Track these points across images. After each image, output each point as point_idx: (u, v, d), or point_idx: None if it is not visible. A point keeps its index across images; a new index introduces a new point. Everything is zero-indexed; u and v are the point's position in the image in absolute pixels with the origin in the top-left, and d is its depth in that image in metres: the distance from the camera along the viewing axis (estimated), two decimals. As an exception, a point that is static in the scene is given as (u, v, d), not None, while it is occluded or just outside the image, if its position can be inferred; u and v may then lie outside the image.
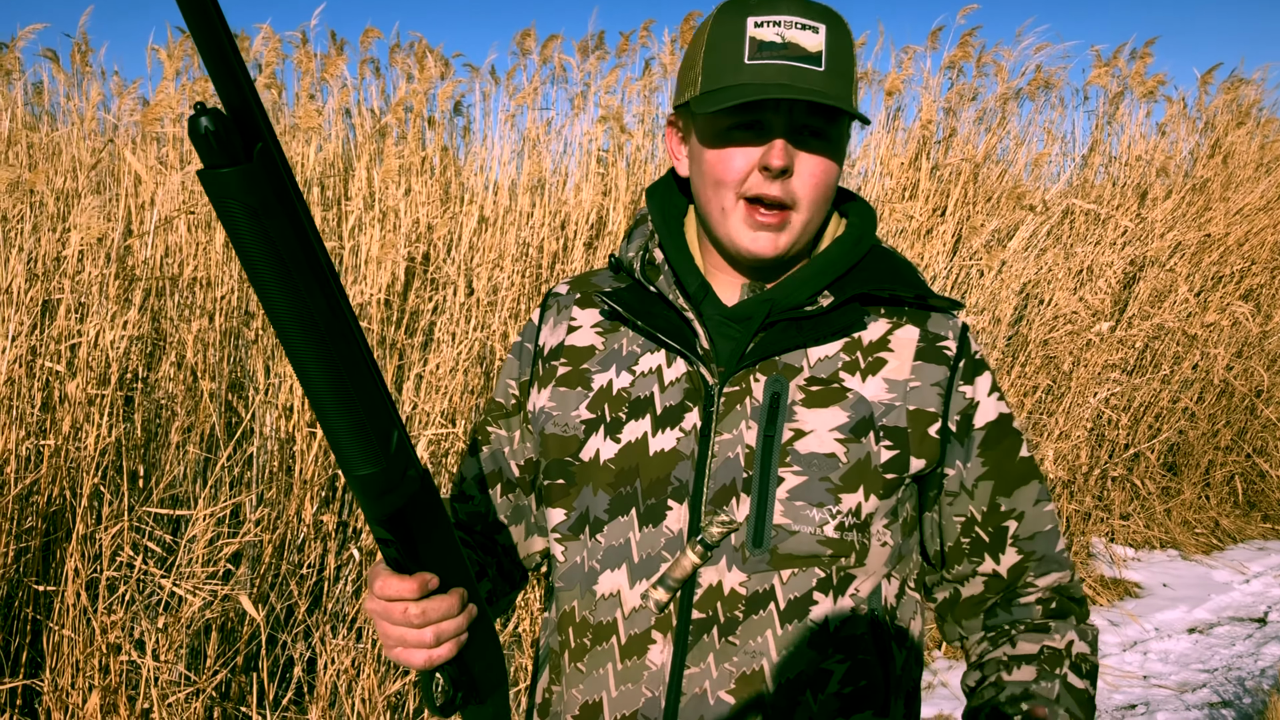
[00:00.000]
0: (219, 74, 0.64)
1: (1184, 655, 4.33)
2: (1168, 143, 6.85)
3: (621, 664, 1.13)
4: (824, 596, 1.10)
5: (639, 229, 1.27)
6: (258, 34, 5.61)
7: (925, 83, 5.98)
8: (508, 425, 1.29)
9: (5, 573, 2.66)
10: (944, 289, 5.07)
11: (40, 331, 3.10)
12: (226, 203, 0.68)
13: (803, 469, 1.10)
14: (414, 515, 0.90)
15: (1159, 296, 5.99)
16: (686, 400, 1.15)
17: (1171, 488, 6.03)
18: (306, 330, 0.74)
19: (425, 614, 0.96)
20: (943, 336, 1.17)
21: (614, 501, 1.15)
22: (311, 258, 0.73)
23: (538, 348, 1.27)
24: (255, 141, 0.67)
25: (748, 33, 1.09)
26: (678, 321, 1.17)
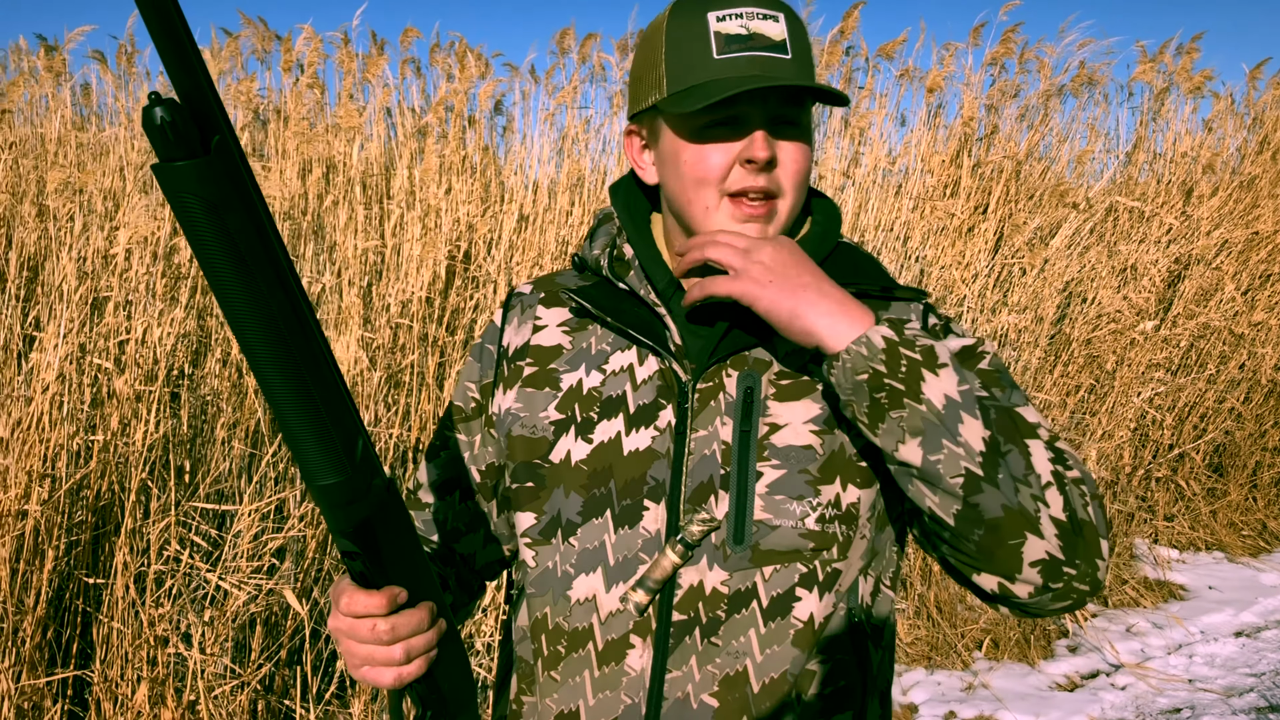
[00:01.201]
0: (173, 63, 0.61)
1: (1230, 659, 4.26)
2: (1214, 139, 6.75)
3: (599, 670, 1.09)
4: (807, 593, 1.08)
5: (603, 228, 1.24)
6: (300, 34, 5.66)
7: (967, 80, 5.94)
8: (467, 430, 1.25)
9: (57, 565, 2.71)
10: (985, 287, 5.03)
11: (89, 328, 3.15)
12: (183, 198, 0.64)
13: (781, 462, 1.08)
14: (381, 526, 0.86)
15: (1205, 295, 5.91)
16: (660, 398, 1.12)
17: (1217, 489, 5.94)
18: (267, 332, 0.70)
19: (395, 630, 0.92)
20: (906, 320, 1.15)
21: (587, 503, 1.11)
22: (272, 256, 0.69)
23: (501, 349, 1.23)
24: (212, 134, 0.64)
25: (711, 28, 1.07)
26: (649, 317, 1.15)
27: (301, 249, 4.25)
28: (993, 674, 4.06)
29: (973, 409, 0.96)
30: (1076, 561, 0.97)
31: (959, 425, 0.95)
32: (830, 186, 5.44)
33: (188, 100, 0.63)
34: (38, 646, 2.63)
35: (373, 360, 3.67)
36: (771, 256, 1.05)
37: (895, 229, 5.24)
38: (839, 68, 5.84)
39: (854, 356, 0.97)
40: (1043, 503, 0.96)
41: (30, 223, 3.79)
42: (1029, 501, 0.95)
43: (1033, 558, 0.96)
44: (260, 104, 5.54)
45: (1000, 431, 0.97)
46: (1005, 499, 0.95)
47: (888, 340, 0.97)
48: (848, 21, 5.71)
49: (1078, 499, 0.98)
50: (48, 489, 2.69)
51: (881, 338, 0.97)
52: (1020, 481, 0.96)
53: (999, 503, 0.95)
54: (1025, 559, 0.97)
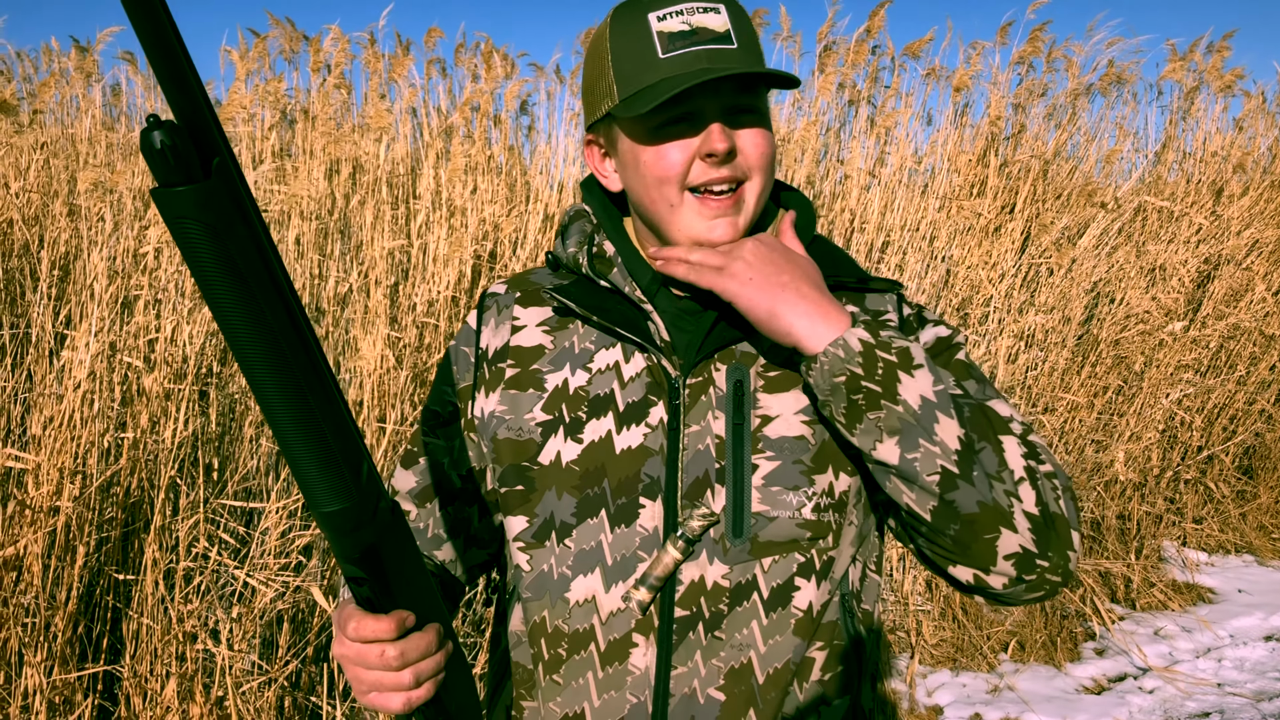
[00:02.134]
0: (171, 84, 0.60)
1: (1260, 663, 4.22)
2: (1245, 138, 6.69)
3: (603, 671, 1.09)
4: (805, 582, 1.09)
5: (575, 225, 1.24)
6: (327, 35, 5.70)
7: (994, 78, 5.90)
8: (445, 434, 1.22)
9: (87, 561, 2.74)
10: (1012, 287, 5.00)
11: (120, 327, 3.18)
12: (183, 223, 0.63)
13: (775, 454, 1.09)
14: (387, 550, 0.84)
15: (1235, 295, 5.85)
16: (650, 394, 1.12)
17: (1247, 491, 5.88)
18: (269, 355, 0.69)
19: (404, 655, 0.91)
20: (882, 311, 1.17)
21: (581, 504, 1.11)
22: (274, 279, 0.68)
23: (480, 351, 1.22)
24: (212, 156, 0.63)
25: (653, 29, 1.07)
26: (634, 314, 1.15)
27: (328, 248, 4.28)
28: (1019, 676, 4.03)
29: (948, 408, 0.99)
30: (1049, 554, 1.00)
31: (935, 425, 0.98)
32: (856, 186, 5.42)
33: (187, 122, 0.62)
34: (69, 642, 2.66)
35: (399, 359, 3.69)
36: (753, 254, 1.07)
37: (921, 229, 5.22)
38: (865, 66, 5.82)
39: (831, 359, 1.00)
40: (1016, 498, 0.99)
41: (61, 222, 3.83)
42: (1003, 497, 0.99)
43: (1006, 551, 1.00)
44: (288, 104, 5.58)
45: (974, 429, 1.00)
46: (980, 495, 0.98)
47: (864, 343, 1.00)
48: (874, 20, 5.69)
49: (1050, 493, 1.01)
50: (79, 486, 2.72)
51: (858, 340, 1.00)
52: (994, 477, 0.99)
53: (974, 499, 0.98)
54: (999, 552, 1.00)
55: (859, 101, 5.87)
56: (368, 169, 4.77)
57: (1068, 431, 4.81)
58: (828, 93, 5.64)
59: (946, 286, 5.01)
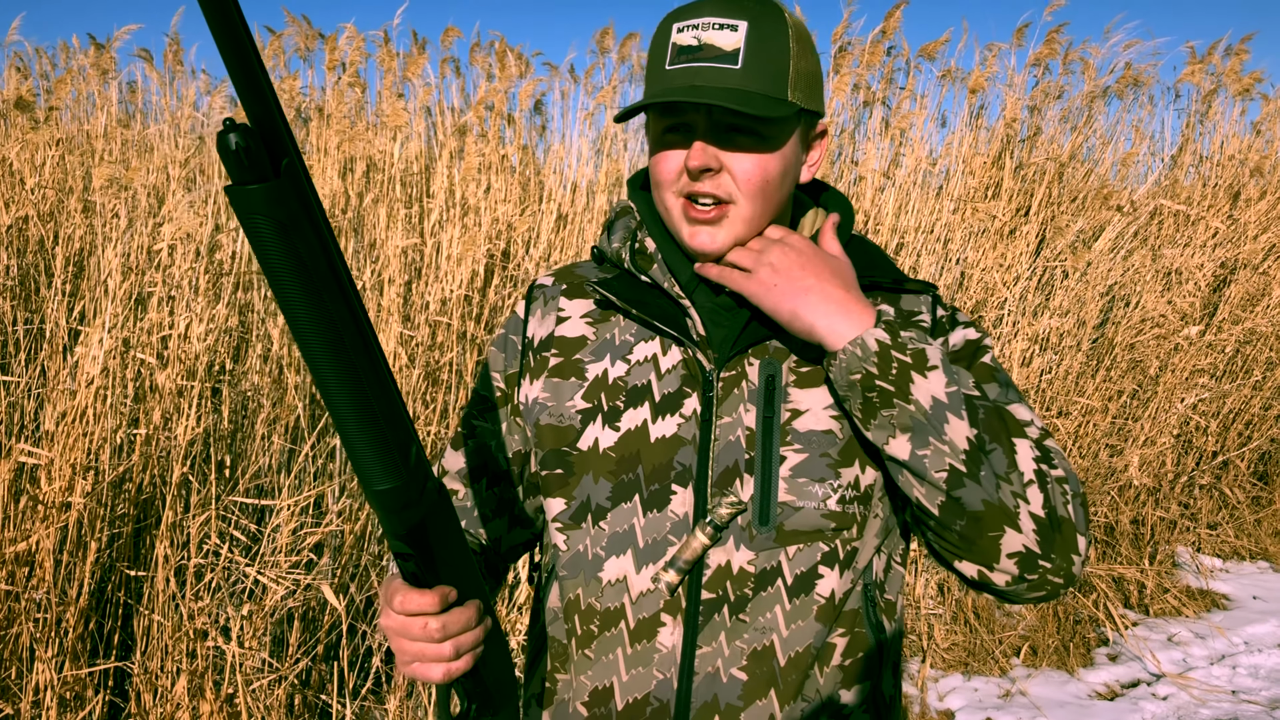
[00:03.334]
0: (246, 90, 0.64)
1: (1275, 670, 4.19)
2: (1263, 142, 6.64)
3: (631, 648, 1.14)
4: (828, 570, 1.13)
5: (620, 221, 1.29)
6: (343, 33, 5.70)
7: (1010, 80, 5.88)
8: (493, 418, 1.29)
9: (99, 557, 2.74)
10: (1027, 290, 4.97)
11: (133, 323, 3.18)
12: (254, 218, 0.68)
13: (803, 446, 1.13)
14: (432, 528, 0.90)
15: (1251, 300, 5.81)
16: (685, 386, 1.17)
17: (1262, 497, 5.84)
18: (331, 345, 0.74)
19: (445, 628, 0.96)
20: (916, 312, 1.22)
21: (616, 489, 1.16)
22: (336, 273, 0.73)
23: (526, 340, 1.28)
24: (282, 157, 0.67)
25: (671, 39, 1.13)
26: (673, 309, 1.19)
27: (342, 246, 4.28)
28: (1031, 681, 4.01)
29: (959, 409, 1.04)
30: (1052, 556, 1.05)
31: (945, 425, 1.04)
32: (870, 187, 5.40)
33: (259, 125, 0.66)
34: (80, 638, 2.67)
35: (412, 357, 3.69)
36: (779, 258, 1.12)
37: (936, 230, 5.20)
38: (880, 68, 5.80)
39: (849, 357, 1.06)
40: (1023, 499, 1.04)
41: (76, 218, 3.84)
42: (1009, 497, 1.04)
43: (1010, 550, 1.05)
44: (303, 102, 5.58)
45: (986, 430, 1.05)
46: (986, 494, 1.03)
47: (880, 343, 1.05)
48: (889, 21, 5.67)
49: (1059, 496, 1.05)
50: (90, 481, 2.73)
51: (875, 340, 1.05)
52: (1002, 478, 1.04)
53: (980, 497, 1.03)
54: (1003, 550, 1.05)
55: (874, 103, 5.85)
56: (381, 167, 4.77)
57: (1082, 435, 4.79)
58: (842, 94, 5.62)
59: (961, 289, 4.99)
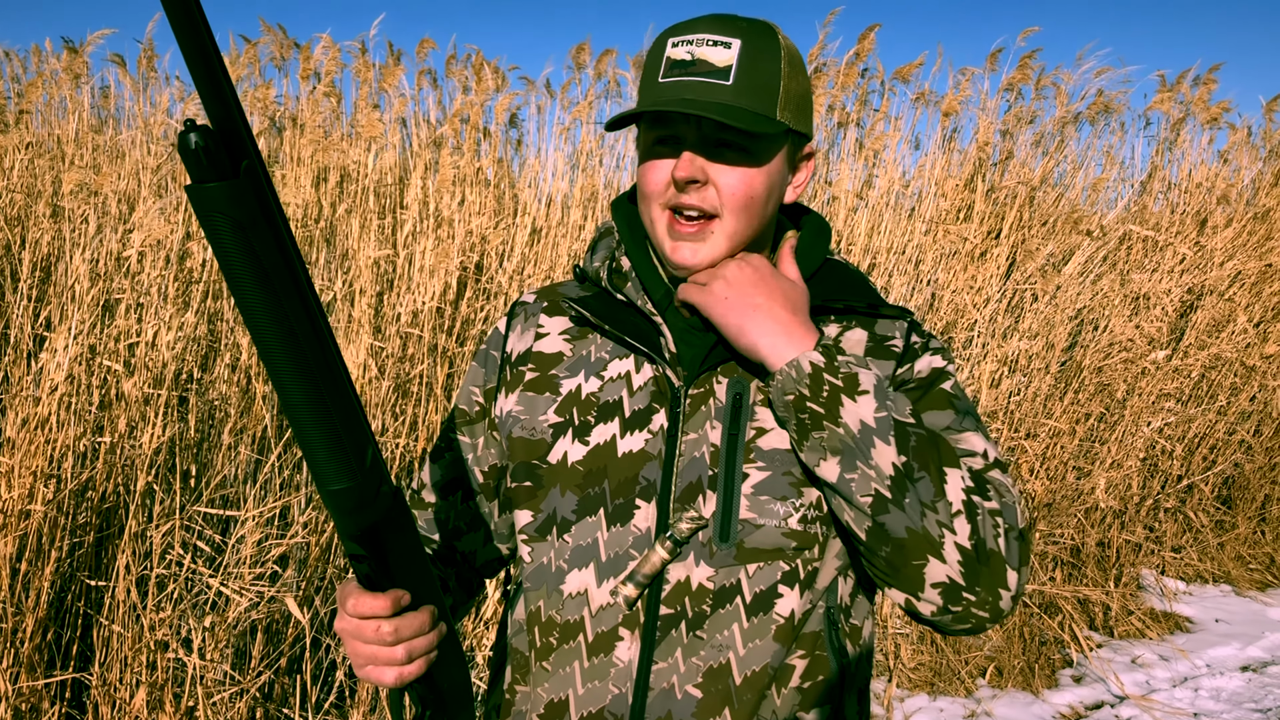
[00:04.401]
0: (208, 92, 0.66)
1: (1237, 694, 4.22)
2: (1229, 170, 6.74)
3: (588, 661, 1.14)
4: (788, 589, 1.12)
5: (603, 241, 1.30)
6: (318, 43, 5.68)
7: (983, 104, 5.94)
8: (471, 432, 1.30)
9: (59, 567, 2.70)
10: (997, 312, 5.01)
11: (100, 330, 3.15)
12: (213, 217, 0.69)
13: (766, 464, 1.13)
14: (387, 531, 0.90)
15: (1217, 326, 5.88)
16: (654, 402, 1.17)
17: (1226, 521, 5.90)
18: (287, 344, 0.75)
19: (398, 632, 0.97)
20: (890, 336, 1.22)
21: (582, 502, 1.16)
22: (294, 272, 0.73)
23: (505, 355, 1.29)
24: (242, 159, 0.68)
25: (665, 53, 1.14)
26: (646, 326, 1.21)
27: (314, 256, 4.26)
28: (996, 702, 4.02)
29: (887, 434, 1.06)
30: (977, 589, 1.05)
31: (871, 449, 1.05)
32: (844, 207, 5.43)
33: (220, 127, 0.67)
34: (37, 648, 2.62)
35: (381, 369, 3.67)
36: (735, 273, 1.15)
37: (908, 252, 5.23)
38: (855, 89, 5.85)
39: (784, 377, 1.08)
40: (949, 529, 1.05)
41: (45, 223, 3.80)
42: (934, 527, 1.05)
43: (934, 579, 1.06)
44: (277, 111, 5.56)
45: (915, 458, 1.06)
46: (910, 522, 1.05)
47: (814, 365, 1.08)
48: (864, 44, 5.71)
49: (989, 529, 1.06)
50: (52, 489, 2.69)
51: (809, 362, 1.08)
52: (928, 506, 1.05)
53: (904, 524, 1.05)
54: (927, 580, 1.06)
55: (848, 124, 5.89)
56: (355, 178, 4.75)
57: (1049, 458, 4.82)
58: (817, 114, 5.66)
59: (932, 310, 5.02)
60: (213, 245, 0.70)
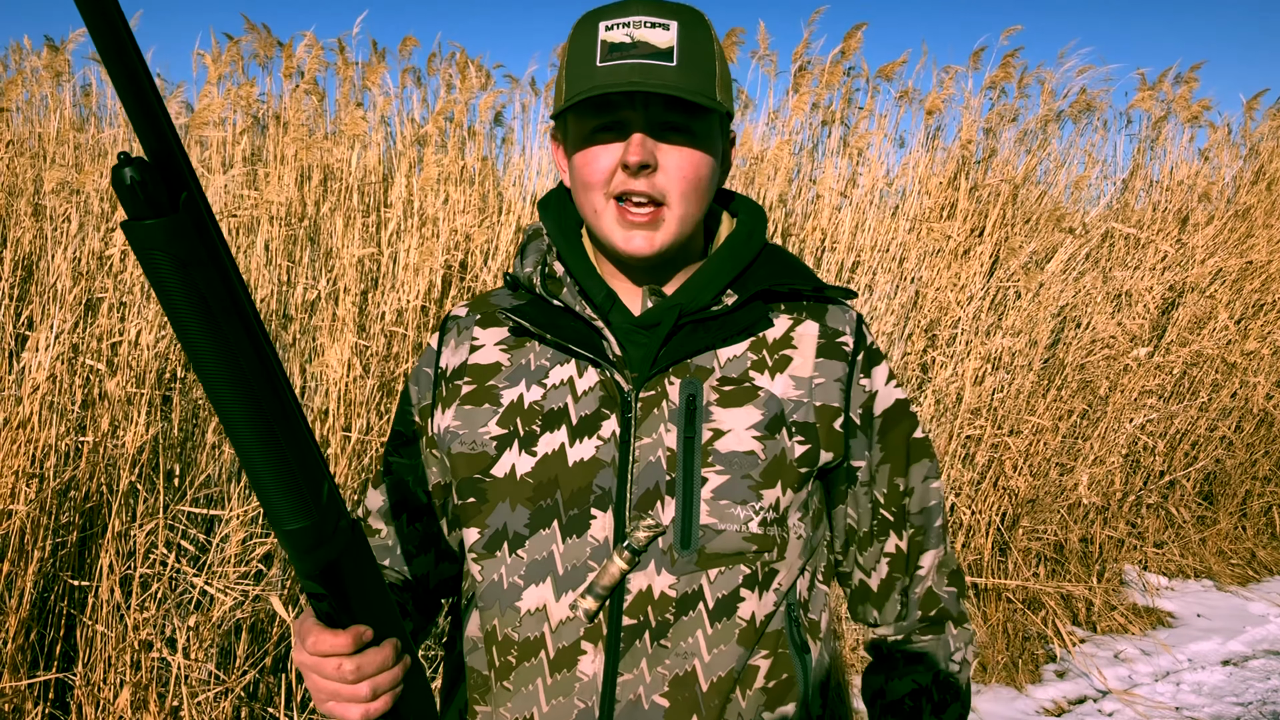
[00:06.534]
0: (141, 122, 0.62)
1: (1218, 687, 4.26)
2: (1210, 168, 6.78)
3: (551, 678, 1.11)
4: (750, 593, 1.12)
5: (533, 244, 1.26)
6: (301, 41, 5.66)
7: (966, 103, 5.96)
8: (410, 453, 1.26)
9: (42, 566, 2.69)
10: (980, 309, 5.03)
11: (83, 329, 3.14)
12: (152, 254, 0.65)
13: (725, 468, 1.12)
14: (346, 567, 0.87)
15: (1198, 323, 5.92)
16: (603, 408, 1.14)
17: (1207, 517, 5.95)
18: (235, 383, 0.72)
19: (360, 669, 0.93)
20: (840, 331, 1.21)
21: (534, 515, 1.13)
22: (239, 308, 0.70)
23: (439, 370, 1.25)
24: (180, 190, 0.65)
25: (599, 37, 1.10)
26: (586, 331, 1.17)
27: (297, 255, 4.25)
28: (979, 697, 4.04)
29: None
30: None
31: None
32: (828, 205, 5.45)
33: (156, 158, 0.64)
34: (20, 648, 2.61)
35: (366, 367, 3.66)
36: None
37: (891, 250, 5.25)
38: (839, 87, 5.86)
39: None
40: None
41: (26, 221, 3.78)
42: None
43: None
44: (260, 109, 5.54)
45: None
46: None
47: None
48: (849, 42, 5.73)
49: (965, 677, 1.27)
50: (35, 489, 2.68)
51: None
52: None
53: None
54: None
55: (832, 122, 5.90)
56: (339, 176, 4.74)
57: (1032, 454, 4.85)
58: (801, 112, 5.67)
59: (915, 308, 5.04)
60: (153, 284, 0.67)
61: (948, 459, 4.57)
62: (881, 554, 1.24)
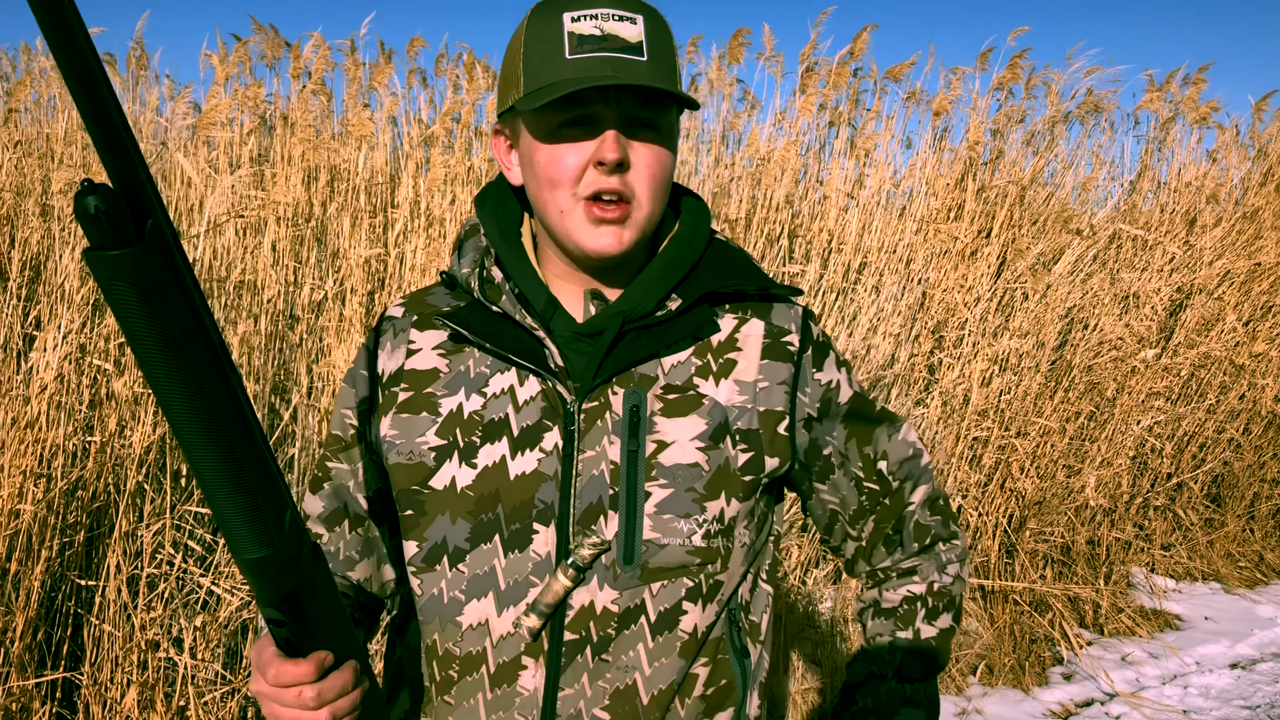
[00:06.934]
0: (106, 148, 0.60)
1: (1225, 691, 4.24)
2: (1218, 170, 6.76)
3: (492, 693, 1.10)
4: (692, 605, 1.10)
5: (470, 242, 1.21)
6: (308, 42, 5.67)
7: (973, 104, 5.95)
8: (348, 458, 1.22)
9: (49, 566, 2.70)
10: (987, 311, 5.03)
11: (90, 329, 3.14)
12: (114, 284, 0.63)
13: (669, 481, 1.09)
14: (307, 594, 0.86)
15: (1206, 325, 5.91)
16: (545, 419, 1.11)
17: (1215, 519, 5.93)
18: (200, 416, 0.70)
19: (321, 695, 0.92)
20: (786, 330, 1.18)
21: (475, 529, 1.10)
22: (206, 339, 0.69)
23: (376, 374, 1.20)
24: (145, 217, 0.63)
25: (565, 28, 1.06)
26: (528, 340, 1.13)
27: (305, 255, 4.25)
28: (986, 700, 4.03)
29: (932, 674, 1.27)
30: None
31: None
32: (835, 206, 5.44)
33: (121, 185, 0.62)
34: (27, 648, 2.62)
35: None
36: None
37: (899, 251, 5.24)
38: (846, 88, 5.86)
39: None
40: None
41: (34, 222, 3.79)
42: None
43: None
44: (267, 109, 5.55)
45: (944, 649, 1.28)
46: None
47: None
48: (857, 43, 5.72)
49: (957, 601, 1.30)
50: (42, 489, 2.68)
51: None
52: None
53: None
54: None
55: (839, 123, 5.90)
56: (346, 177, 4.75)
57: (1039, 456, 4.84)
58: (808, 113, 5.67)
59: (922, 309, 5.03)
60: (116, 314, 0.65)
61: (954, 460, 4.57)
62: (874, 520, 1.25)
